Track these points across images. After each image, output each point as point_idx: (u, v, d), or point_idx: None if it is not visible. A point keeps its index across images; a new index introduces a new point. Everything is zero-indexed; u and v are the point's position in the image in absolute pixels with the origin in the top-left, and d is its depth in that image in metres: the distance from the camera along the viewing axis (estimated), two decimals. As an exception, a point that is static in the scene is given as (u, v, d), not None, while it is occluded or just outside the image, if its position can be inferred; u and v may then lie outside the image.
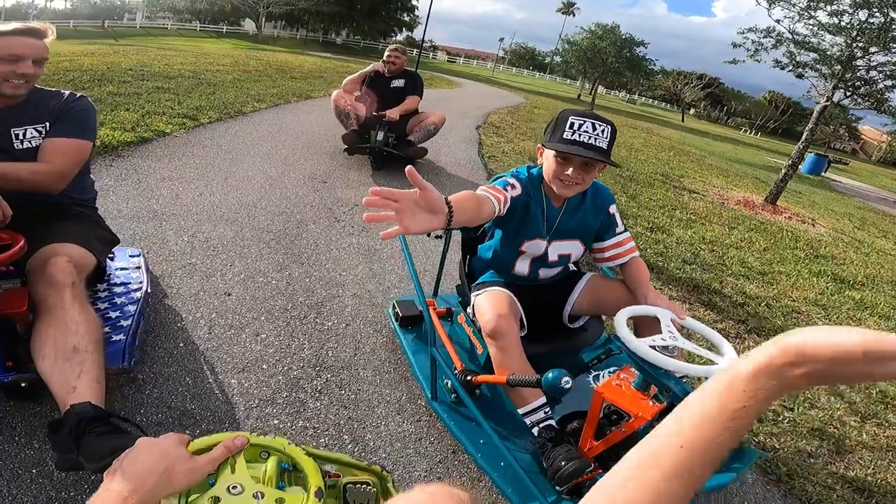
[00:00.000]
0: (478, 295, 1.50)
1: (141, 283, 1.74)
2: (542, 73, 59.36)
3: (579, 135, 1.32)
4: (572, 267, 1.73)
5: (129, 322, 1.53)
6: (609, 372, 1.78)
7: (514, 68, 60.88)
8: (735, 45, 7.77)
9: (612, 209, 1.57)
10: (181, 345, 1.72)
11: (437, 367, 1.60)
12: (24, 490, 1.15)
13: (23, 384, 1.23)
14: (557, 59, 40.61)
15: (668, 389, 1.09)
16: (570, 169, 1.35)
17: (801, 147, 6.95)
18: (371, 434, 1.55)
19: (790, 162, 6.92)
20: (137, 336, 1.54)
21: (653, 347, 1.11)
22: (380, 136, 3.95)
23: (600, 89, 38.24)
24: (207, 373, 1.63)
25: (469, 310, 1.61)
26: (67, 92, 1.54)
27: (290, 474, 0.90)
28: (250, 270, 2.26)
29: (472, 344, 1.72)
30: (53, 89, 1.53)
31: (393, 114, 3.95)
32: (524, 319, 1.47)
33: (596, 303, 1.59)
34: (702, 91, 38.09)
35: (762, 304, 3.25)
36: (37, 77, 1.41)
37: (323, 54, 21.97)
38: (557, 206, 1.52)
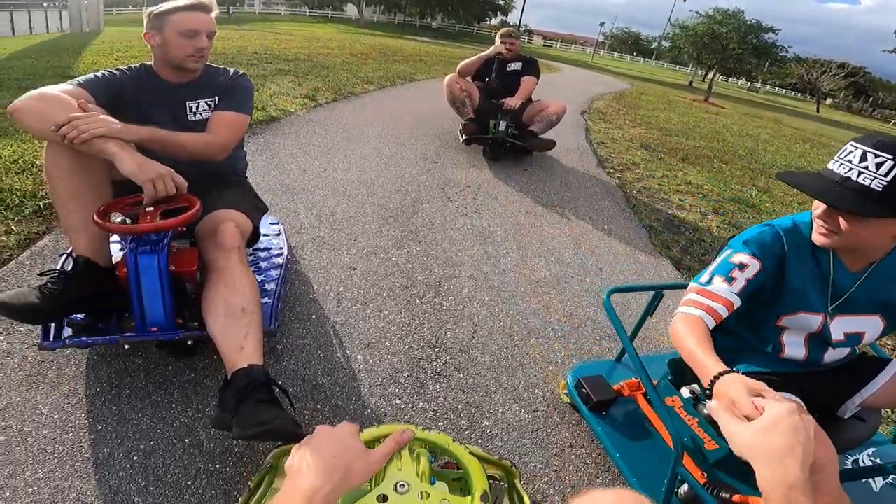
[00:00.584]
0: None
1: (282, 249, 1.84)
2: (647, 59, 55.22)
3: (839, 163, 0.94)
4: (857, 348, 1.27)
5: (273, 286, 1.62)
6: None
7: (616, 53, 57.32)
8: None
9: None
10: (313, 317, 1.80)
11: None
12: (176, 460, 1.19)
13: (189, 342, 1.32)
14: (665, 44, 37.39)
15: None
16: (821, 207, 0.98)
17: None
18: (488, 421, 1.50)
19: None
20: (280, 300, 1.62)
21: None
22: (501, 125, 3.69)
23: (718, 77, 34.67)
24: (336, 347, 1.68)
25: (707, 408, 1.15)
26: (233, 69, 1.64)
27: (436, 472, 0.87)
28: (371, 246, 2.32)
29: (692, 433, 1.30)
30: (221, 66, 1.64)
31: (513, 102, 3.64)
32: None
33: None
34: (843, 80, 32.97)
35: None
36: (209, 51, 1.51)
37: (420, 38, 22.35)
38: (856, 270, 1.08)
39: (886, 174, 0.87)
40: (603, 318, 2.13)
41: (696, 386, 1.28)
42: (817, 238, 1.02)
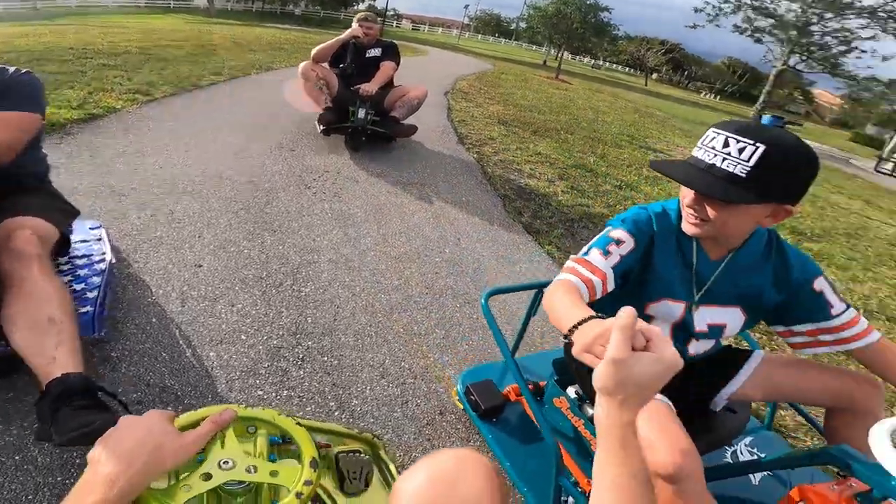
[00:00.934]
0: None
1: (104, 254, 1.67)
2: (508, 40, 58.47)
3: (704, 150, 0.92)
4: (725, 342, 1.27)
5: (95, 293, 1.47)
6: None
7: (480, 35, 59.71)
8: (697, 10, 7.86)
9: (819, 285, 1.06)
10: (154, 320, 1.67)
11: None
12: (9, 478, 1.12)
13: None
14: (523, 25, 39.97)
15: None
16: (689, 195, 0.96)
17: (759, 108, 7.21)
18: (357, 399, 1.55)
19: (750, 120, 7.14)
20: (105, 307, 1.49)
21: None
22: (361, 113, 3.53)
23: (566, 55, 38.04)
24: (184, 347, 1.59)
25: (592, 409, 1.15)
26: (12, 67, 1.44)
27: (280, 448, 0.88)
28: (220, 241, 2.20)
29: (578, 435, 1.29)
30: None
31: (370, 87, 3.51)
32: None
33: (774, 392, 1.18)
34: (664, 56, 38.41)
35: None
36: None
37: (281, 26, 20.97)
38: (716, 258, 1.07)
39: (749, 159, 0.86)
40: (463, 286, 2.30)
41: (577, 387, 1.26)
42: (688, 228, 1.01)
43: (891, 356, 1.05)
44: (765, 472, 1.35)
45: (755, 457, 1.48)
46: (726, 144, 0.89)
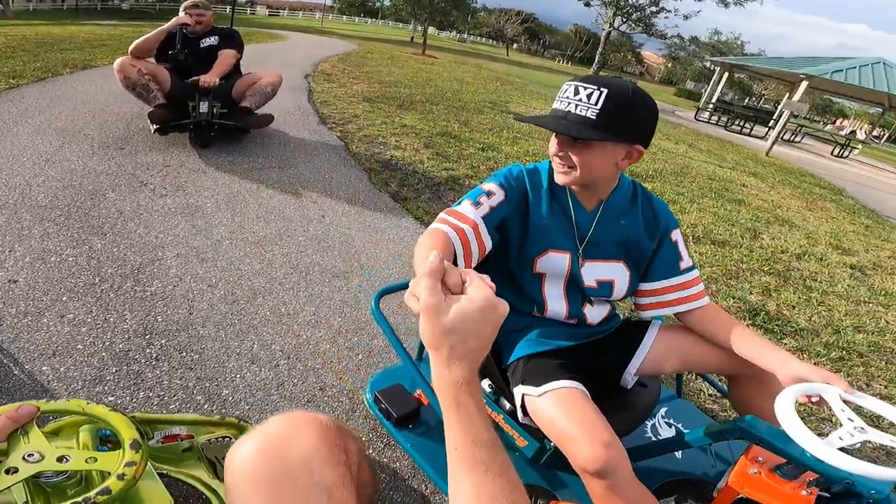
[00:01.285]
0: (538, 395, 1.02)
1: None
2: (374, 19, 57.18)
3: (560, 101, 1.00)
4: (620, 314, 1.30)
5: None
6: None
7: (345, 17, 57.56)
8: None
9: (675, 236, 1.15)
10: (-40, 346, 1.43)
11: None
12: None
13: None
14: (388, 3, 39.29)
15: (851, 485, 0.80)
16: (555, 145, 1.02)
17: (595, 69, 7.99)
18: (227, 389, 1.50)
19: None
20: None
21: (843, 450, 0.79)
22: (203, 107, 3.16)
23: (433, 31, 38.35)
24: (11, 366, 1.39)
25: (516, 409, 1.11)
26: None
27: (112, 440, 0.86)
28: (37, 252, 1.92)
29: (499, 430, 1.21)
30: None
31: (210, 78, 3.13)
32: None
33: (679, 363, 1.18)
34: (521, 26, 40.56)
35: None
36: None
37: (105, 22, 18.11)
38: (591, 208, 1.11)
39: (596, 102, 0.94)
40: (331, 261, 2.29)
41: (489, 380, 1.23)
42: (558, 178, 1.05)
43: (720, 319, 1.11)
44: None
45: (673, 428, 1.50)
46: (577, 92, 0.97)
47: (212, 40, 3.39)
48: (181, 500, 1.10)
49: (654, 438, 1.41)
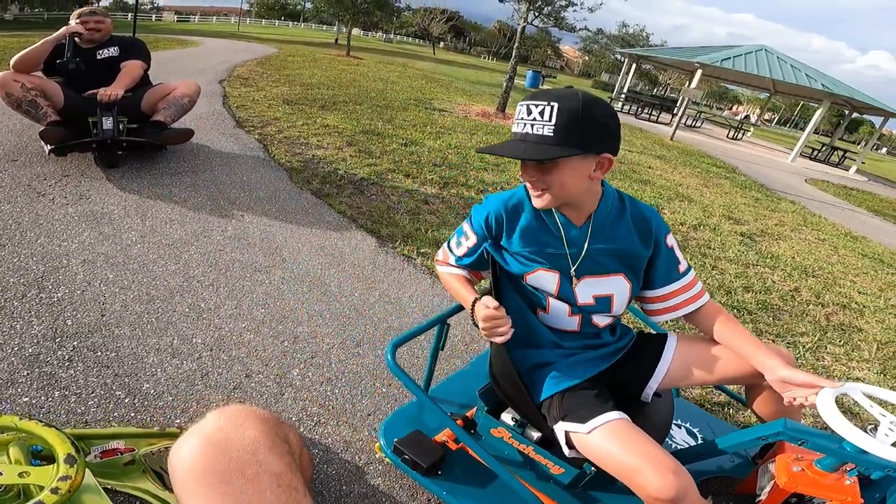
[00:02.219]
0: (586, 432, 1.01)
1: None
2: (296, 22, 55.40)
3: (516, 123, 0.99)
4: (632, 329, 1.30)
5: None
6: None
7: (264, 20, 55.28)
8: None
9: (670, 241, 1.15)
10: None
11: None
12: None
13: None
14: (309, 5, 38.12)
15: (893, 472, 0.89)
16: (523, 172, 1.02)
17: (513, 63, 8.36)
18: (148, 383, 1.51)
19: (508, 76, 8.33)
20: None
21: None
22: (107, 123, 2.85)
23: (359, 32, 37.85)
24: None
25: (560, 444, 1.10)
26: None
27: (46, 455, 0.85)
28: (-81, 272, 1.80)
29: (530, 461, 1.24)
30: None
31: (113, 90, 2.80)
32: None
33: (692, 375, 1.17)
34: (447, 25, 41.07)
35: (497, 188, 4.03)
36: None
37: None
38: (580, 224, 1.10)
39: (550, 118, 0.93)
40: (252, 257, 2.32)
41: (513, 412, 1.24)
42: (536, 202, 1.05)
43: (720, 317, 1.14)
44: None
45: (683, 429, 1.54)
46: (529, 111, 0.95)
47: (111, 51, 3.06)
48: None
49: (671, 443, 1.44)
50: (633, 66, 17.93)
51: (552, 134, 0.93)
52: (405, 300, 2.22)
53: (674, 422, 1.55)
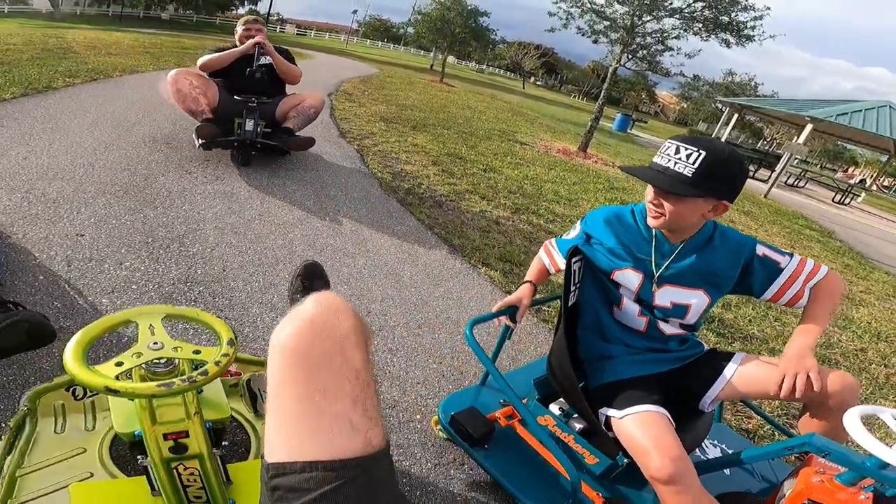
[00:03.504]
0: (620, 417, 1.17)
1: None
2: (397, 45, 59.22)
3: (661, 157, 1.15)
4: (704, 342, 1.45)
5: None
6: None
7: (369, 41, 59.73)
8: (551, 14, 8.97)
9: (760, 250, 1.26)
10: (41, 277, 1.82)
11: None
12: None
13: None
14: (410, 30, 40.84)
15: None
16: (650, 194, 1.19)
17: (600, 104, 8.48)
18: (249, 328, 1.86)
19: (593, 116, 8.45)
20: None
21: None
22: (249, 125, 3.19)
23: (454, 60, 39.74)
24: (75, 296, 1.78)
25: (601, 425, 1.24)
26: None
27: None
28: (100, 216, 2.34)
29: (570, 450, 1.36)
30: None
31: (268, 44, 3.23)
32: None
33: (754, 392, 1.25)
34: (539, 60, 41.86)
35: (567, 220, 4.19)
36: None
37: (146, 31, 19.26)
38: (674, 242, 1.27)
39: (694, 163, 1.08)
40: (342, 244, 2.68)
41: (562, 401, 1.38)
42: (650, 221, 1.23)
43: (819, 289, 1.23)
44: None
45: (718, 449, 1.63)
46: (678, 151, 1.11)
47: (265, 59, 3.36)
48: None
49: (703, 457, 1.53)
50: (735, 116, 17.15)
51: (690, 175, 1.09)
52: (466, 299, 2.46)
53: (710, 441, 1.64)
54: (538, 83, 53.81)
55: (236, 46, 3.37)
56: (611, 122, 19.07)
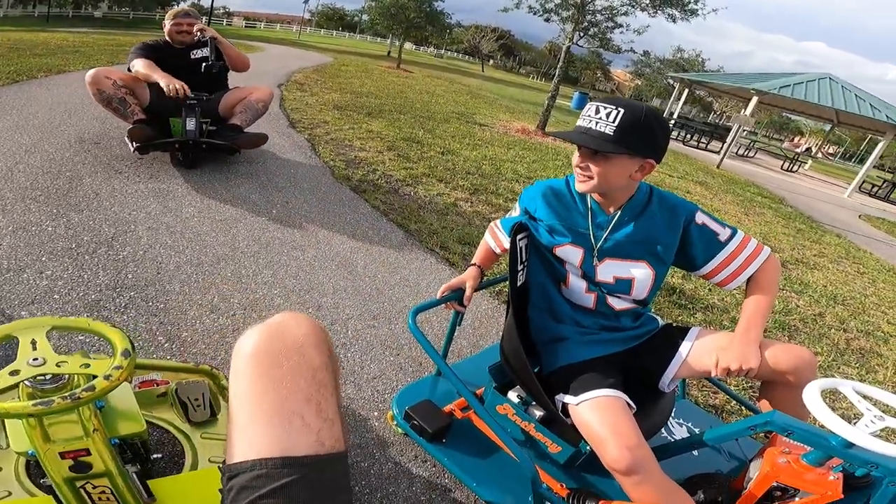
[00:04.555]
0: (576, 404, 1.12)
1: None
2: (352, 34, 57.82)
3: (583, 119, 1.13)
4: (665, 316, 1.45)
5: None
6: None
7: (323, 30, 58.04)
8: (503, -6, 8.88)
9: (700, 218, 1.22)
10: (-54, 293, 1.65)
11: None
12: None
13: None
14: (365, 17, 39.83)
15: (874, 469, 0.91)
16: (576, 157, 1.16)
17: (556, 83, 8.51)
18: (187, 332, 1.74)
19: (550, 95, 8.47)
20: None
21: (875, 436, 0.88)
22: (190, 124, 2.89)
23: (411, 46, 39.11)
24: None
25: (558, 412, 1.19)
26: None
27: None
28: (18, 223, 2.14)
29: (531, 439, 1.31)
30: None
31: (208, 28, 2.96)
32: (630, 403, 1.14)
33: (709, 367, 1.20)
34: (496, 43, 41.73)
35: (524, 193, 4.17)
36: None
37: (77, 30, 18.03)
38: (609, 212, 1.24)
39: (613, 120, 1.08)
40: (290, 237, 2.57)
41: (520, 389, 1.30)
42: (578, 186, 1.20)
43: (760, 278, 1.21)
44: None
45: (684, 428, 1.61)
46: (598, 111, 1.11)
47: (203, 52, 3.10)
48: (154, 444, 1.22)
49: (669, 438, 1.49)
50: (685, 91, 17.62)
51: (612, 134, 1.08)
52: (423, 285, 2.40)
53: (676, 420, 1.62)
54: (497, 66, 53.71)
55: (168, 42, 3.10)
56: (568, 100, 19.29)
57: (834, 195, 12.20)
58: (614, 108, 1.09)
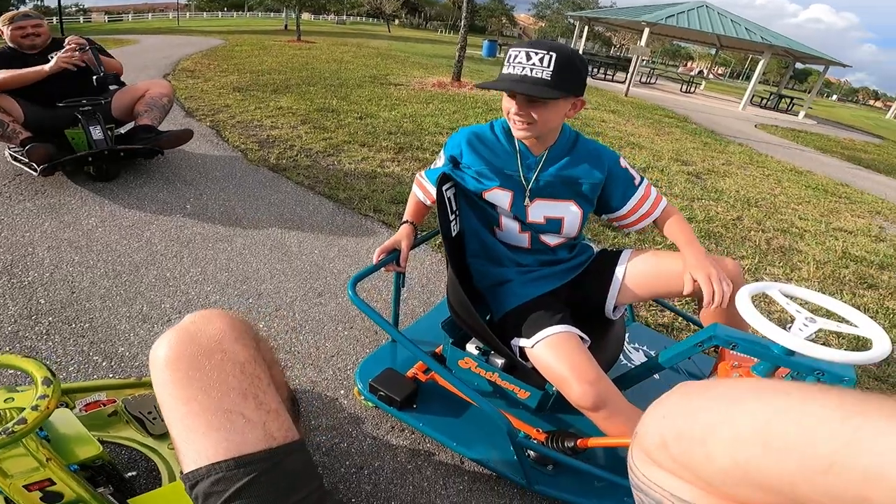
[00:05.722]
0: (531, 346, 1.12)
1: None
2: (240, 12, 53.17)
3: (513, 67, 1.10)
4: (593, 246, 1.43)
5: None
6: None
7: (206, 13, 52.82)
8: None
9: (622, 163, 1.28)
10: None
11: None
12: None
13: None
14: (251, -7, 36.57)
15: (822, 375, 0.87)
16: (514, 106, 1.13)
17: (463, 33, 8.39)
18: (123, 347, 1.61)
19: (459, 46, 8.36)
20: None
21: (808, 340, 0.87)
22: (96, 132, 2.58)
23: (310, 16, 36.67)
24: None
25: (517, 358, 1.19)
26: None
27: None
28: None
29: (498, 388, 1.30)
30: None
31: (79, 39, 2.59)
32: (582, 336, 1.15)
33: (646, 288, 1.25)
34: (399, 1, 40.16)
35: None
36: None
37: None
38: (537, 154, 1.24)
39: (548, 65, 1.05)
40: (212, 230, 2.41)
41: (477, 340, 1.29)
42: (519, 133, 1.17)
43: (675, 225, 1.26)
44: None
45: (640, 352, 1.63)
46: (529, 57, 1.07)
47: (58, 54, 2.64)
48: (124, 464, 1.19)
49: (629, 364, 1.52)
50: (586, 28, 18.06)
51: (550, 78, 1.06)
52: (363, 252, 2.37)
53: (631, 345, 1.64)
54: (403, 24, 51.91)
55: (16, 48, 2.66)
56: (479, 50, 19.17)
57: (730, 109, 13.23)
58: (545, 52, 1.06)
